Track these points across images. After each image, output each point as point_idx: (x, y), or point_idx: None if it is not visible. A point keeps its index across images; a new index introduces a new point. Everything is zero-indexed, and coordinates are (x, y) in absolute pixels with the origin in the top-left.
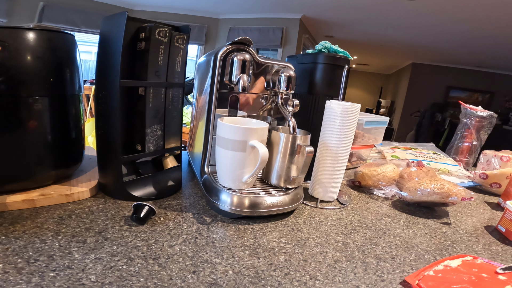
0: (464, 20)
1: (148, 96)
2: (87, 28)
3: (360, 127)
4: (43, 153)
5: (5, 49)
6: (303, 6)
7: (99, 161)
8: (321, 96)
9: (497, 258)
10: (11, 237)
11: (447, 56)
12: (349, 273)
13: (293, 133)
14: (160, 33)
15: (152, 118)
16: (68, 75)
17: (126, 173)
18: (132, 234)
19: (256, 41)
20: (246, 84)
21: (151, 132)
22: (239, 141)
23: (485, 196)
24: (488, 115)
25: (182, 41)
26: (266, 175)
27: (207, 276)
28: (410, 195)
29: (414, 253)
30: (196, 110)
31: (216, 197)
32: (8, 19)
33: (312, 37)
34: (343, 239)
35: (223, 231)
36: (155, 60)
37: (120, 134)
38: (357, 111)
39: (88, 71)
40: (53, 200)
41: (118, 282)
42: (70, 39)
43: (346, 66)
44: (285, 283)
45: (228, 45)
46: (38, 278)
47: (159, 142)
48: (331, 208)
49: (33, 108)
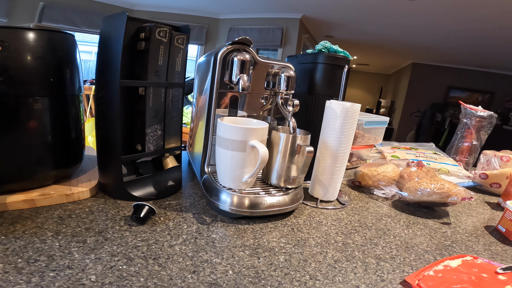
0: (464, 20)
1: (148, 96)
2: (87, 28)
3: (360, 127)
4: (43, 153)
5: (5, 49)
6: (303, 6)
7: (99, 161)
8: (321, 96)
9: (497, 258)
10: (11, 237)
11: (447, 56)
12: (349, 273)
13: (293, 133)
14: (160, 33)
15: (152, 118)
16: (68, 75)
17: (126, 173)
18: (132, 234)
19: (256, 41)
20: (246, 84)
21: (151, 132)
22: (239, 141)
23: (485, 196)
24: (488, 115)
25: (182, 41)
26: (266, 175)
27: (207, 276)
28: (410, 195)
29: (414, 253)
30: (196, 110)
31: (216, 197)
32: (8, 19)
33: (312, 37)
34: (343, 239)
35: (223, 231)
36: (155, 60)
37: (120, 134)
38: (357, 111)
39: (88, 71)
40: (53, 200)
41: (118, 282)
42: (70, 39)
43: (346, 66)
44: (285, 283)
45: (228, 45)
46: (38, 278)
47: (159, 142)
48: (331, 208)
49: (33, 108)
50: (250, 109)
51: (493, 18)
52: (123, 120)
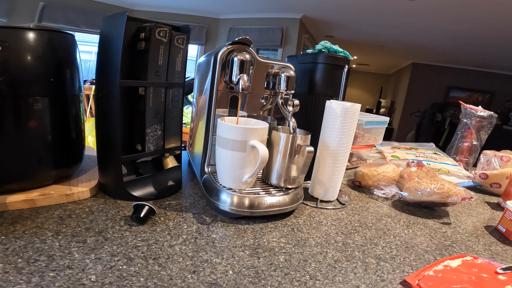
0: (464, 20)
1: (148, 96)
2: (87, 28)
3: (360, 127)
4: (43, 153)
5: (5, 49)
6: (303, 6)
7: (99, 161)
8: (321, 96)
9: (497, 258)
10: (11, 237)
11: (447, 56)
12: (349, 273)
13: (293, 133)
14: (160, 33)
15: (152, 118)
16: (68, 75)
17: (126, 173)
18: (132, 234)
19: (256, 41)
20: (246, 84)
21: (151, 132)
22: (239, 141)
23: (485, 196)
24: (488, 115)
25: (182, 41)
26: (266, 175)
27: (207, 276)
28: (410, 195)
29: (414, 253)
30: (196, 110)
31: (216, 197)
32: (8, 19)
33: (312, 37)
34: (343, 239)
35: (223, 231)
36: (155, 60)
37: (120, 134)
38: (357, 111)
39: (88, 71)
40: (53, 200)
41: (118, 282)
42: (70, 39)
43: (346, 66)
44: (285, 283)
45: (228, 45)
46: (38, 278)
47: (159, 142)
48: (331, 208)
49: (33, 108)
50: (250, 109)
51: (493, 18)
52: (123, 120)
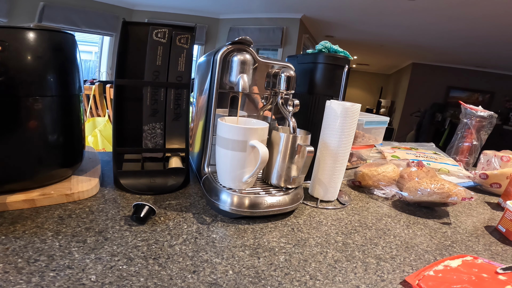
0: (464, 20)
1: (146, 95)
2: (87, 28)
3: (360, 127)
4: (43, 153)
5: (5, 49)
6: (303, 6)
7: None
8: (321, 96)
9: (497, 258)
10: (11, 237)
11: (447, 56)
12: (349, 273)
13: (293, 133)
14: (157, 34)
15: (149, 117)
16: (68, 75)
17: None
18: (132, 234)
19: (256, 41)
20: (246, 84)
21: (148, 129)
22: (239, 141)
23: (485, 196)
24: (488, 115)
25: (186, 40)
26: (266, 175)
27: (207, 276)
28: (410, 195)
29: (414, 253)
30: (196, 110)
31: (216, 197)
32: (8, 19)
33: (312, 37)
34: (343, 239)
35: (223, 231)
36: (152, 61)
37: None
38: (357, 111)
39: (88, 71)
40: (53, 200)
41: (118, 282)
42: (70, 39)
43: (346, 66)
44: (285, 283)
45: (228, 45)
46: (38, 278)
47: (159, 141)
48: (331, 208)
49: (33, 108)
50: (250, 109)
51: (493, 18)
52: (117, 116)
